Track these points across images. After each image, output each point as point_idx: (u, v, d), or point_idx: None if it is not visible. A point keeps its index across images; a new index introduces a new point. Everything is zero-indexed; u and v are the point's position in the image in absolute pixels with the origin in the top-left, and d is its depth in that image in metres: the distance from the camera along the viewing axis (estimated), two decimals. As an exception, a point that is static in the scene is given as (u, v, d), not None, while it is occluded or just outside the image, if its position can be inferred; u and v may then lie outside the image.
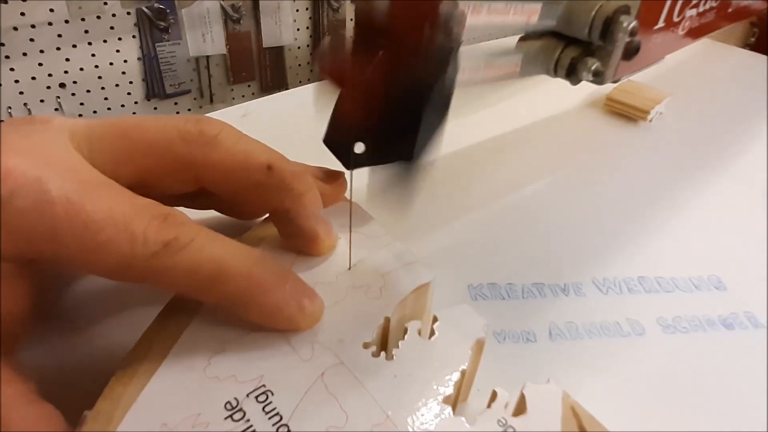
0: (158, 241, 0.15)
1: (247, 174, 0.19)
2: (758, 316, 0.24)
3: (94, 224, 0.15)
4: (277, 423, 0.15)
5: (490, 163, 0.34)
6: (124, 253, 0.15)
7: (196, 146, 0.18)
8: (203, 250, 0.16)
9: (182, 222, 0.16)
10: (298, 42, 1.24)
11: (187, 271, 0.16)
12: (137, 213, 0.16)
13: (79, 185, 0.15)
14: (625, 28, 0.24)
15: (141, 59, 1.06)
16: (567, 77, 0.27)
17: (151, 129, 0.18)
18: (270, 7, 1.14)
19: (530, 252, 0.27)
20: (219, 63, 1.16)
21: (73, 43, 0.97)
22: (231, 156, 0.19)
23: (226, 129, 0.19)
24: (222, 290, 0.16)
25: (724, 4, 0.37)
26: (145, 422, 0.15)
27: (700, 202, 0.31)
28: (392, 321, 0.18)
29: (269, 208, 0.20)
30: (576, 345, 0.22)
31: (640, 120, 0.39)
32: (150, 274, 0.16)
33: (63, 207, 0.15)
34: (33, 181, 0.15)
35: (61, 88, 1.00)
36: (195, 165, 0.19)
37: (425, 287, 0.19)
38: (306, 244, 0.20)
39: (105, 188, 0.16)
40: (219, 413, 0.15)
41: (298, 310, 0.17)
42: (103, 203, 0.15)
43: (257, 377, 0.16)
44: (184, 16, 1.06)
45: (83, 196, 0.15)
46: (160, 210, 0.16)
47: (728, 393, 0.21)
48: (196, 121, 0.19)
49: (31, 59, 0.95)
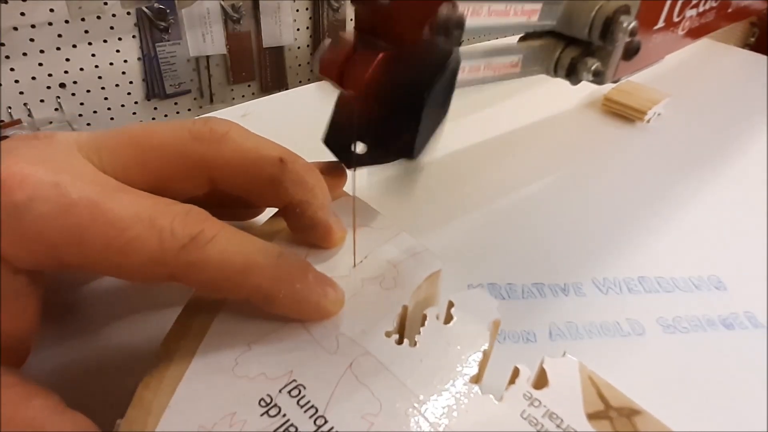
0: (186, 234, 0.15)
1: (260, 168, 0.19)
2: (758, 316, 0.24)
3: (120, 222, 0.15)
4: (313, 415, 0.15)
5: (489, 164, 0.34)
6: (153, 249, 0.15)
7: (208, 144, 0.18)
8: (230, 242, 0.16)
9: (205, 217, 0.16)
10: (298, 42, 1.24)
11: (218, 263, 0.16)
12: (160, 210, 0.16)
13: (98, 187, 0.15)
14: (625, 28, 0.24)
15: (141, 59, 1.06)
16: (567, 77, 0.27)
17: (160, 133, 0.18)
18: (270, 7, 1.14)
19: (530, 252, 0.27)
20: (219, 63, 1.16)
21: (73, 43, 0.97)
22: (243, 151, 0.19)
23: (234, 127, 0.19)
24: (252, 282, 0.16)
25: (724, 4, 0.37)
26: (180, 425, 0.15)
27: (701, 202, 0.31)
28: (409, 309, 0.18)
29: (283, 202, 0.20)
30: (576, 345, 0.22)
31: (638, 120, 0.39)
32: (180, 269, 0.16)
33: (86, 208, 0.15)
34: (52, 186, 0.14)
35: (61, 88, 1.00)
36: (208, 163, 0.19)
37: (436, 274, 0.20)
38: (320, 236, 0.20)
39: (123, 190, 0.16)
40: (254, 410, 0.15)
41: (324, 297, 0.18)
42: (124, 202, 0.15)
43: (287, 372, 0.16)
44: (184, 16, 1.06)
45: (104, 197, 0.15)
46: (182, 206, 0.16)
47: (728, 393, 0.21)
48: (204, 121, 0.19)
49: (31, 59, 0.95)
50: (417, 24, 0.16)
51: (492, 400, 0.16)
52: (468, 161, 0.34)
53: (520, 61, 0.26)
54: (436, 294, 0.19)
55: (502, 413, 0.15)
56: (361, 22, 0.17)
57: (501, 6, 0.22)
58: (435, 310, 0.18)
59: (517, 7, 0.23)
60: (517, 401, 0.16)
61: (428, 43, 0.16)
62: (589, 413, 0.15)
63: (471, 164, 0.33)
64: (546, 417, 0.15)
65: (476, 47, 0.23)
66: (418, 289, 0.19)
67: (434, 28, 0.16)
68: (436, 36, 0.16)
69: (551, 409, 0.16)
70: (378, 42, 0.17)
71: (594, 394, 0.16)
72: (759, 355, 0.22)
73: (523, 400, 0.16)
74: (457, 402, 0.16)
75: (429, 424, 0.15)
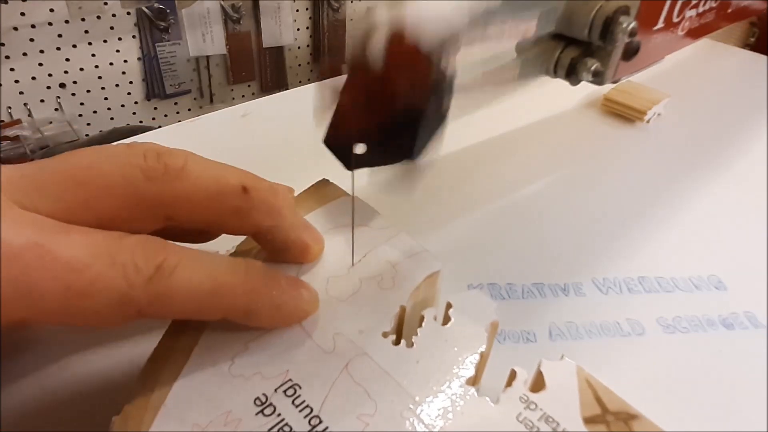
0: (150, 266, 0.14)
1: (222, 201, 0.18)
2: (758, 316, 0.24)
3: (77, 263, 0.13)
4: (308, 415, 0.15)
5: (489, 164, 0.34)
6: (119, 287, 0.14)
7: (163, 183, 0.17)
8: (195, 266, 0.15)
9: (164, 244, 0.15)
10: (298, 42, 1.24)
11: (187, 290, 0.15)
12: (116, 244, 0.15)
13: (42, 231, 0.14)
14: (624, 28, 0.24)
15: (141, 59, 1.06)
16: (567, 78, 0.27)
17: (107, 172, 0.16)
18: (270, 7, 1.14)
19: (530, 252, 0.27)
20: (219, 63, 1.16)
21: (73, 43, 0.98)
22: (203, 185, 0.17)
23: (191, 157, 0.17)
24: (226, 302, 0.16)
25: (724, 4, 0.37)
26: (176, 423, 0.15)
27: (701, 202, 0.31)
28: (407, 310, 0.18)
29: (251, 230, 0.19)
30: (576, 345, 0.22)
31: (638, 121, 0.39)
32: (150, 304, 0.15)
33: (33, 254, 0.13)
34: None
35: (61, 88, 1.00)
36: (165, 202, 0.17)
37: (435, 275, 0.20)
38: (296, 256, 0.19)
39: (69, 229, 0.15)
40: (249, 410, 0.15)
41: (300, 299, 0.18)
42: (76, 242, 0.14)
43: (283, 372, 0.16)
44: (184, 16, 1.06)
45: (53, 239, 0.14)
46: (136, 238, 0.15)
47: (728, 393, 0.21)
48: (156, 156, 0.17)
49: (31, 59, 0.95)
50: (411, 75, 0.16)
51: (488, 402, 0.16)
52: (468, 161, 0.34)
53: (519, 64, 0.26)
54: (435, 295, 0.19)
55: (498, 416, 0.15)
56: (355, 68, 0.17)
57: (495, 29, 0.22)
58: (433, 311, 0.18)
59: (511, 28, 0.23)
60: (513, 404, 0.16)
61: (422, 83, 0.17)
62: (586, 417, 0.15)
63: (471, 164, 0.33)
64: (542, 420, 0.15)
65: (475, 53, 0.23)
66: (417, 289, 0.19)
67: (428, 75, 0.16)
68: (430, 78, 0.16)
69: (547, 412, 0.16)
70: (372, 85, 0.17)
71: (591, 397, 0.16)
72: (759, 355, 0.22)
73: (519, 403, 0.16)
74: (452, 404, 0.16)
75: (424, 426, 0.15)
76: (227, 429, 0.15)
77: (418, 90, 0.17)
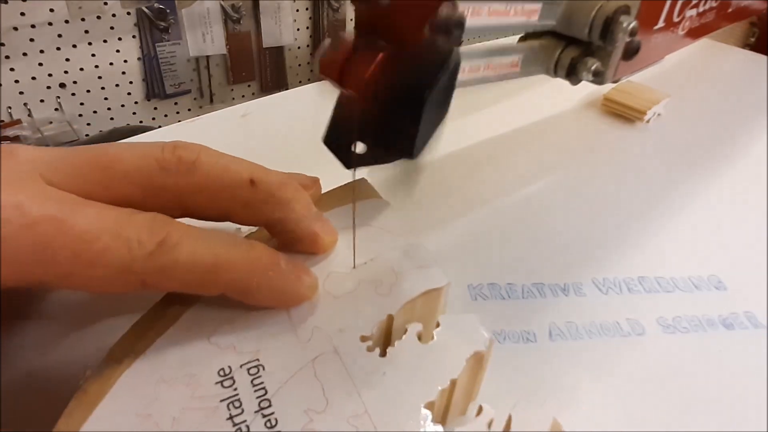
0: (152, 241, 0.16)
1: (232, 193, 0.19)
2: (758, 316, 0.24)
3: (87, 235, 0.15)
4: (261, 396, 0.16)
5: (489, 164, 0.34)
6: (123, 259, 0.15)
7: (177, 175, 0.18)
8: (198, 242, 0.16)
9: (170, 221, 0.17)
10: (298, 42, 1.24)
11: (187, 265, 0.16)
12: (125, 220, 0.16)
13: (60, 204, 0.15)
14: (624, 28, 0.24)
15: (141, 59, 1.06)
16: (567, 77, 0.27)
17: (126, 161, 0.18)
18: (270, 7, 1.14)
19: (530, 252, 0.27)
20: (219, 63, 1.16)
21: (73, 43, 0.97)
22: (213, 178, 0.18)
23: (204, 151, 0.19)
24: (225, 278, 0.17)
25: (724, 4, 0.37)
26: (147, 373, 0.16)
27: (700, 202, 0.31)
28: (397, 321, 0.18)
29: (261, 222, 0.20)
30: (576, 345, 0.22)
31: (638, 121, 0.39)
32: (151, 275, 0.16)
33: (51, 225, 0.15)
34: (13, 207, 0.15)
35: (61, 88, 1.00)
36: (178, 194, 0.18)
37: (437, 292, 0.19)
38: (307, 247, 0.20)
39: (84, 203, 0.16)
40: (212, 377, 0.16)
41: (298, 282, 0.18)
42: (89, 216, 0.15)
43: (254, 351, 0.17)
44: (184, 16, 1.06)
45: (68, 212, 0.15)
46: (145, 214, 0.16)
47: (728, 393, 0.21)
48: (173, 149, 0.18)
49: (31, 59, 0.95)
50: (417, 23, 0.16)
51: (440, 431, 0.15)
52: (468, 161, 0.34)
53: (520, 61, 0.26)
54: (435, 312, 0.19)
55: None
56: (361, 22, 0.17)
57: (501, 6, 0.22)
58: (418, 326, 0.17)
59: (517, 7, 0.23)
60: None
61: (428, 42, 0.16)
62: None
63: (471, 164, 0.33)
64: None
65: (476, 47, 0.23)
66: (413, 302, 0.18)
67: (435, 28, 0.16)
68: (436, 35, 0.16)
69: None
70: (378, 42, 0.17)
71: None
72: (759, 355, 0.22)
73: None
74: (401, 425, 0.15)
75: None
76: (186, 389, 0.16)
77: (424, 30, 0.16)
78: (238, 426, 0.15)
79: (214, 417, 0.15)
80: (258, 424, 0.15)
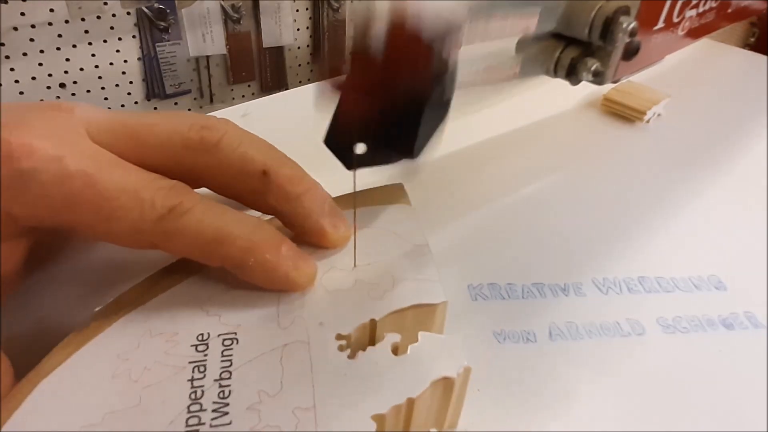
0: (165, 206, 0.17)
1: (242, 180, 0.20)
2: (758, 316, 0.24)
3: (108, 193, 0.17)
4: (224, 368, 0.16)
5: (488, 164, 0.34)
6: (134, 219, 0.17)
7: (197, 154, 0.19)
8: (206, 214, 0.18)
9: (187, 191, 0.18)
10: (298, 42, 1.24)
11: (192, 233, 0.17)
12: (146, 183, 0.17)
13: (94, 162, 0.17)
14: (624, 28, 0.24)
15: (141, 59, 1.06)
16: (567, 77, 0.27)
17: (159, 132, 0.19)
18: (270, 7, 1.14)
19: (530, 252, 0.27)
20: (219, 63, 1.16)
21: (73, 43, 0.97)
22: (228, 163, 0.19)
23: (229, 133, 0.19)
24: (224, 251, 0.18)
25: (724, 4, 0.37)
26: (138, 323, 0.18)
27: (700, 202, 0.31)
28: (381, 328, 0.18)
29: (270, 212, 0.20)
30: (576, 345, 0.22)
31: (638, 121, 0.39)
32: (158, 238, 0.17)
33: (81, 180, 0.17)
34: (54, 159, 0.16)
35: (61, 88, 1.00)
36: (196, 171, 0.19)
37: (430, 308, 0.18)
38: (315, 241, 0.20)
39: (117, 164, 0.18)
40: (190, 339, 0.17)
41: (293, 269, 0.18)
42: (115, 176, 0.17)
43: (236, 325, 0.18)
44: (184, 16, 1.06)
45: (98, 171, 0.17)
46: (167, 181, 0.18)
47: (728, 393, 0.21)
48: (200, 128, 0.19)
49: (31, 59, 0.95)
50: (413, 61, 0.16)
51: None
52: (468, 161, 0.34)
53: (519, 63, 0.26)
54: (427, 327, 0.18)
55: None
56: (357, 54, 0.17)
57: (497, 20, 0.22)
58: (395, 337, 0.17)
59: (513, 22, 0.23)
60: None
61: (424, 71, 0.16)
62: None
63: (471, 164, 0.33)
64: None
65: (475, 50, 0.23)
66: (402, 313, 0.18)
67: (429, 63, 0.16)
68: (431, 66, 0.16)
69: None
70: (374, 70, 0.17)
71: None
72: (759, 355, 0.22)
73: None
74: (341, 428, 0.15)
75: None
76: (166, 344, 0.17)
77: (420, 80, 0.16)
78: (194, 389, 0.16)
79: (178, 375, 0.16)
80: (212, 391, 0.16)
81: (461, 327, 0.22)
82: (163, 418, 0.15)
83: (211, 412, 0.15)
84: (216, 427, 0.15)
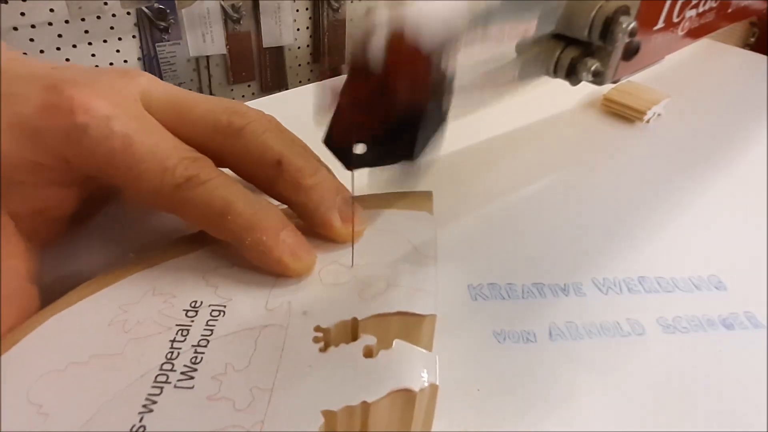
0: (183, 176, 0.18)
1: (259, 169, 0.21)
2: (758, 316, 0.24)
3: (139, 155, 0.18)
4: (205, 336, 0.17)
5: (489, 164, 0.34)
6: (156, 183, 0.18)
7: (224, 137, 0.21)
8: (218, 188, 0.19)
9: (207, 165, 0.19)
10: (298, 42, 1.24)
11: (202, 203, 0.19)
12: (174, 152, 0.19)
13: (137, 124, 0.19)
14: (624, 28, 0.24)
15: (141, 59, 1.06)
16: (567, 78, 0.27)
17: (198, 111, 0.21)
18: (270, 7, 1.14)
19: (530, 252, 0.27)
20: (219, 63, 1.16)
21: (73, 43, 0.97)
22: (248, 150, 0.21)
23: (256, 121, 0.21)
24: (227, 225, 0.19)
25: (724, 4, 0.37)
26: (144, 282, 0.19)
27: (701, 202, 0.31)
28: (363, 329, 0.18)
29: (283, 201, 0.21)
30: (576, 345, 0.22)
31: (638, 121, 0.39)
32: (174, 204, 0.19)
33: (120, 140, 0.18)
34: (103, 118, 0.18)
35: (61, 88, 1.00)
36: (220, 153, 0.21)
37: (417, 319, 0.18)
38: (322, 232, 0.21)
39: (156, 131, 0.19)
40: (184, 304, 0.18)
41: (289, 255, 0.19)
42: (150, 141, 0.19)
43: (227, 299, 0.19)
44: (184, 16, 1.06)
45: (137, 135, 0.19)
46: (194, 153, 0.19)
47: (728, 393, 0.21)
48: (231, 113, 0.21)
49: (31, 59, 0.94)
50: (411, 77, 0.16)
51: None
52: (468, 161, 0.34)
53: (519, 64, 0.26)
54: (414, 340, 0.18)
55: None
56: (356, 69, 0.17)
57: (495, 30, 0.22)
58: (371, 339, 0.17)
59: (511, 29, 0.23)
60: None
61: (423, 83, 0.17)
62: None
63: (470, 164, 0.33)
64: None
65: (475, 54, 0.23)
66: (386, 318, 0.18)
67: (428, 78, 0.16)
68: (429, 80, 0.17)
69: None
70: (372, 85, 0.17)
71: None
72: (759, 355, 0.22)
73: None
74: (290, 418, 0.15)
75: (252, 418, 0.15)
76: (162, 305, 0.18)
77: (418, 91, 0.17)
78: (172, 350, 0.17)
79: (163, 334, 0.17)
80: (186, 355, 0.17)
81: (461, 327, 0.22)
82: (138, 370, 0.16)
83: (179, 374, 0.16)
84: (179, 388, 0.16)
